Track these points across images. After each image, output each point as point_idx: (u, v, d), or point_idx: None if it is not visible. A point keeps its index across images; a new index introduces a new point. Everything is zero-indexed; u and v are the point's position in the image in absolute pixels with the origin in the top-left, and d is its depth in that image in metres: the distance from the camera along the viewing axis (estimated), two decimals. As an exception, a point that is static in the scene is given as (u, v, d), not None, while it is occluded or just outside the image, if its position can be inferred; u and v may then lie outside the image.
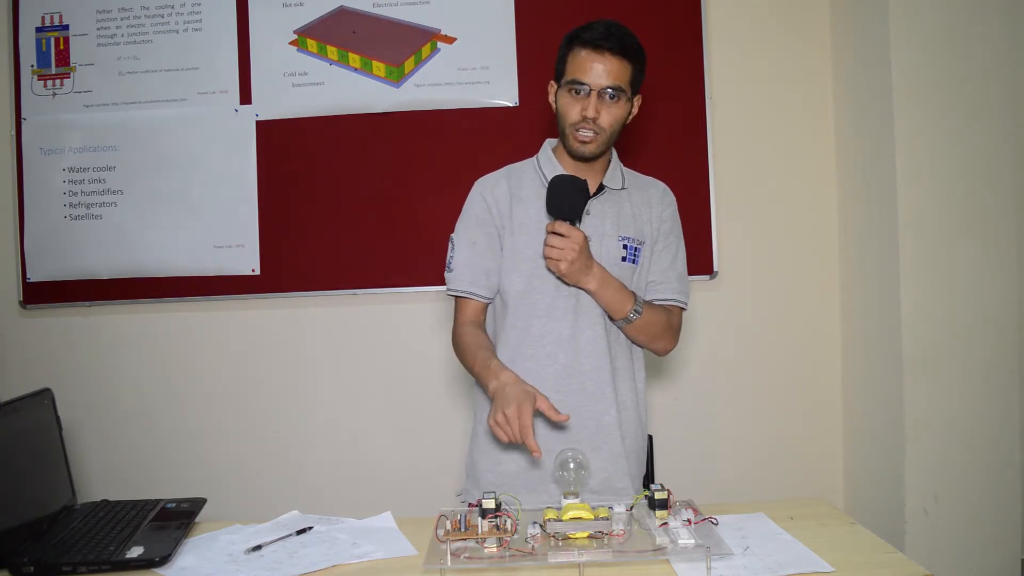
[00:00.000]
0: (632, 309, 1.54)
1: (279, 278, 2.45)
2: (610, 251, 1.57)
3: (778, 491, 2.46)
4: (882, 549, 1.24)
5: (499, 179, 1.63)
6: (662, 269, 1.63)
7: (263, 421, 2.51)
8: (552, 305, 1.56)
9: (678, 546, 1.19)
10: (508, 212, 1.58)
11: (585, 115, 1.49)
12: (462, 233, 1.61)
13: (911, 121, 2.13)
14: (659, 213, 1.63)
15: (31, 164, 2.47)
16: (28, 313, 2.52)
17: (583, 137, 1.51)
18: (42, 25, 2.47)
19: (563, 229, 1.46)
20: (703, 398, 2.50)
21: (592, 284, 1.51)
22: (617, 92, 1.49)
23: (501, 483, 1.57)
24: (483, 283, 1.59)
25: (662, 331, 1.61)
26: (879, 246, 2.24)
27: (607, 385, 1.57)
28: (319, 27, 2.44)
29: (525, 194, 1.59)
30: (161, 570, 1.25)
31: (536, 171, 1.62)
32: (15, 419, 1.42)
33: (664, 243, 1.63)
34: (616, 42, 1.47)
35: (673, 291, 1.63)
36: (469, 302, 1.60)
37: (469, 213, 1.62)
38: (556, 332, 1.55)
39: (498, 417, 1.35)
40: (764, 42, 2.47)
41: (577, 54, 1.50)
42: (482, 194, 1.61)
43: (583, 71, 1.48)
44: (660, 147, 2.38)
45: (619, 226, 1.58)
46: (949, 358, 2.13)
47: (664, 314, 1.61)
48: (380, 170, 2.43)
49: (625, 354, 1.62)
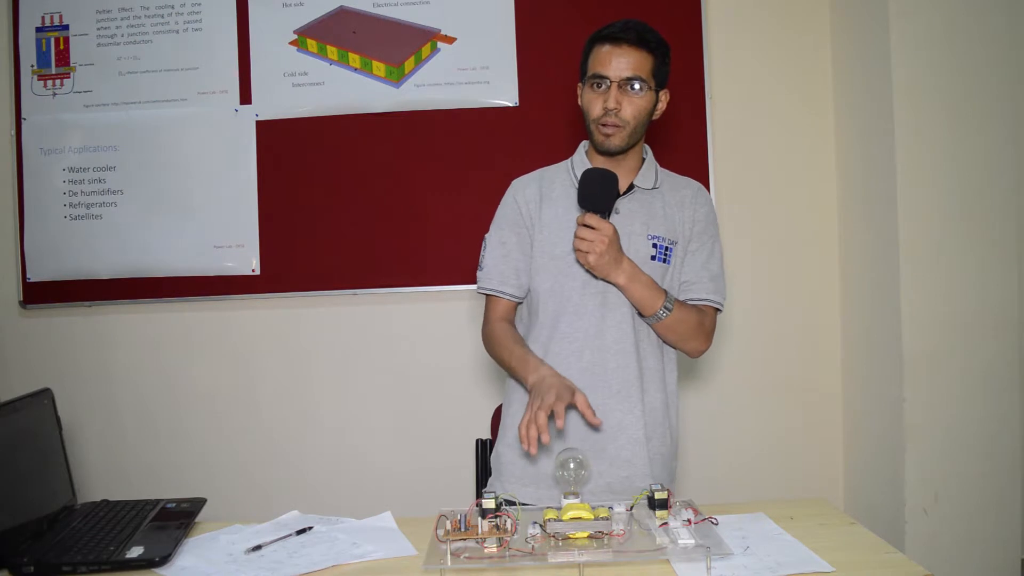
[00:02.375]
0: (662, 306, 1.51)
1: (279, 278, 2.45)
2: (639, 250, 1.55)
3: (778, 491, 2.46)
4: (882, 549, 1.24)
5: (531, 181, 1.64)
6: (695, 269, 1.61)
7: (263, 421, 2.51)
8: (580, 302, 1.55)
9: (678, 546, 1.19)
10: (538, 212, 1.59)
11: (607, 107, 1.50)
12: (494, 233, 1.64)
13: (911, 121, 2.13)
14: (692, 213, 1.61)
15: (31, 164, 2.47)
16: (28, 313, 2.52)
17: (606, 131, 1.52)
18: (42, 25, 2.47)
19: (593, 221, 1.46)
20: (703, 398, 2.50)
21: (621, 278, 1.50)
22: (638, 83, 1.50)
23: (525, 477, 1.56)
24: (513, 282, 1.61)
25: (693, 331, 1.57)
26: (879, 246, 2.24)
27: (633, 385, 1.55)
28: (319, 27, 2.44)
29: (555, 194, 1.60)
30: (161, 570, 1.25)
31: (568, 172, 1.62)
32: (15, 419, 1.42)
33: (698, 243, 1.61)
34: (633, 34, 1.49)
35: (706, 291, 1.60)
36: (500, 300, 1.62)
37: (501, 214, 1.65)
38: (583, 329, 1.55)
39: (536, 404, 1.34)
40: (764, 42, 2.47)
41: (598, 50, 1.52)
42: (514, 195, 1.63)
43: (603, 64, 1.50)
44: (660, 146, 2.37)
45: (649, 225, 1.57)
46: (949, 358, 2.13)
47: (696, 314, 1.58)
48: (380, 170, 2.43)
49: (655, 354, 1.59)
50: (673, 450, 1.64)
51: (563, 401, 1.34)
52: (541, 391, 1.38)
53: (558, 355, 1.55)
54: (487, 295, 1.64)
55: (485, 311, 1.65)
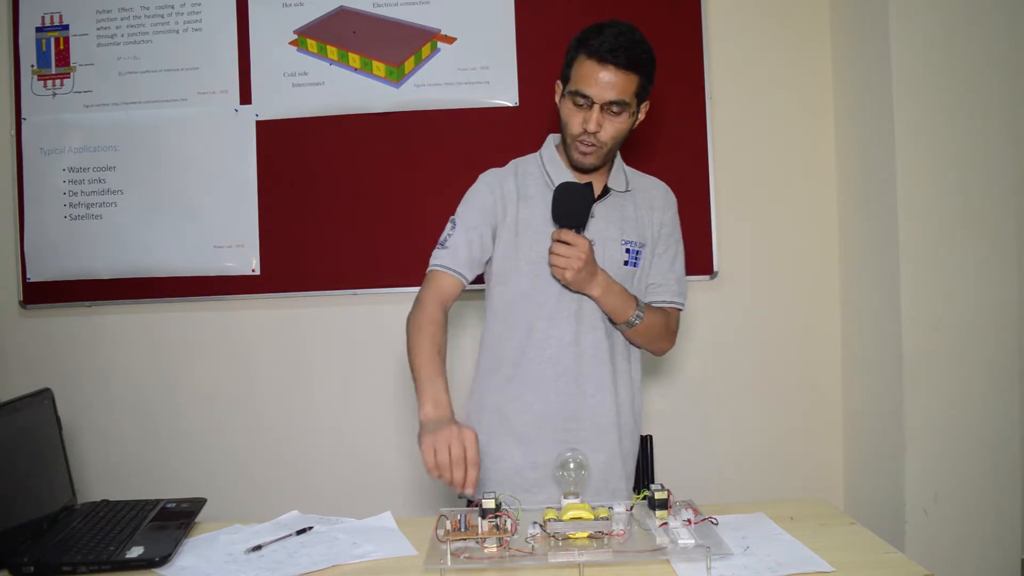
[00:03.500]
0: (635, 314, 1.54)
1: (279, 278, 2.45)
2: (613, 256, 1.57)
3: (778, 491, 2.46)
4: (882, 549, 1.25)
5: (507, 175, 1.62)
6: (662, 271, 1.64)
7: (263, 421, 2.51)
8: (555, 309, 1.56)
9: (678, 546, 1.19)
10: (515, 209, 1.58)
11: (586, 128, 1.48)
12: (466, 217, 1.59)
13: (911, 121, 2.13)
14: (660, 216, 1.64)
15: (31, 164, 2.47)
16: (28, 313, 2.52)
17: (584, 149, 1.51)
18: (42, 25, 2.47)
19: (569, 237, 1.46)
20: (703, 398, 2.50)
21: (596, 291, 1.52)
22: (621, 106, 1.47)
23: (497, 481, 1.57)
24: (470, 270, 1.58)
25: (661, 333, 1.63)
26: (879, 246, 2.24)
27: (607, 388, 1.57)
28: (319, 27, 2.44)
29: (531, 192, 1.59)
30: (161, 570, 1.25)
31: (540, 169, 1.61)
32: (15, 419, 1.42)
33: (664, 245, 1.64)
34: (623, 56, 1.43)
35: (672, 293, 1.64)
36: (446, 282, 1.55)
37: (477, 203, 1.60)
38: (558, 337, 1.56)
39: (440, 457, 1.27)
40: (764, 42, 2.47)
41: (583, 63, 1.47)
42: (490, 186, 1.60)
43: (587, 83, 1.46)
44: (660, 147, 2.38)
45: (623, 230, 1.58)
46: (949, 357, 2.13)
47: (663, 316, 1.62)
48: (380, 170, 2.43)
49: (624, 356, 1.63)
50: (637, 444, 1.69)
51: (460, 468, 1.26)
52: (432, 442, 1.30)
53: (533, 360, 1.56)
54: (438, 272, 1.56)
55: (426, 287, 1.56)
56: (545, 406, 1.57)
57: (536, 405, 1.57)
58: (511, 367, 1.59)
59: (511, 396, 1.60)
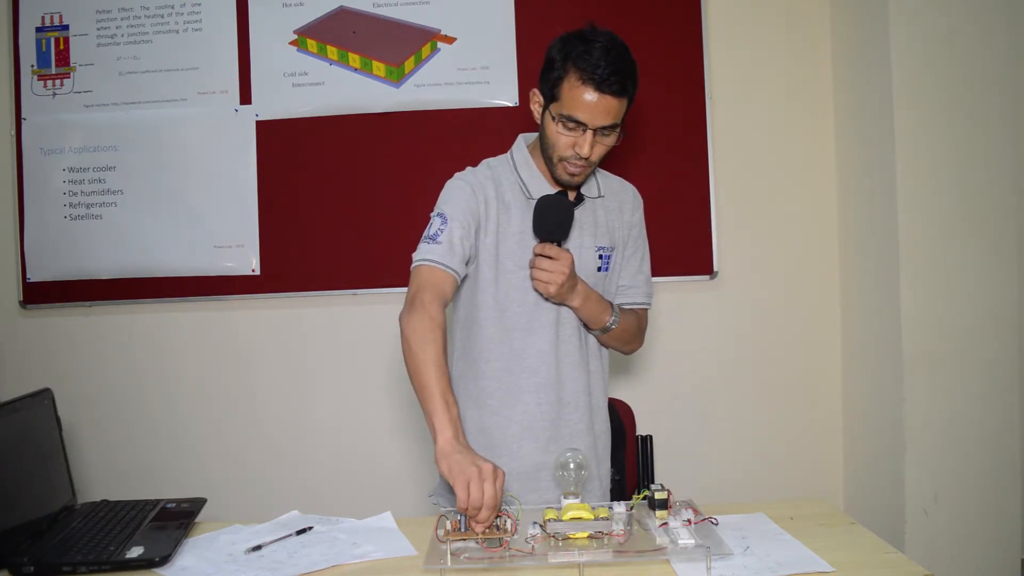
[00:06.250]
0: (611, 319, 1.56)
1: (279, 278, 2.45)
2: (587, 263, 1.57)
3: (778, 491, 2.46)
4: (882, 549, 1.24)
5: (486, 180, 1.54)
6: (631, 273, 1.65)
7: (263, 421, 2.51)
8: (532, 319, 1.54)
9: (678, 546, 1.19)
10: (495, 215, 1.52)
11: (579, 152, 1.43)
12: (455, 213, 1.48)
13: (911, 122, 2.13)
14: (629, 218, 1.65)
15: (31, 164, 2.47)
16: (28, 313, 2.52)
17: (572, 170, 1.47)
18: (42, 25, 2.47)
19: (552, 252, 1.45)
20: (703, 398, 2.50)
21: (576, 301, 1.52)
22: (611, 128, 1.44)
23: None
24: (464, 268, 1.49)
25: (633, 335, 1.65)
26: (879, 246, 2.24)
27: (583, 393, 1.58)
28: (319, 27, 2.44)
29: (508, 198, 1.54)
30: (161, 570, 1.25)
31: (514, 175, 1.56)
32: (15, 419, 1.42)
33: (633, 247, 1.65)
34: (617, 85, 1.39)
35: (642, 294, 1.67)
36: (447, 277, 1.44)
37: (464, 203, 1.50)
38: (537, 347, 1.54)
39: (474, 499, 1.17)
40: (764, 42, 2.47)
41: (575, 87, 1.40)
42: (473, 188, 1.52)
43: (580, 109, 1.40)
44: (660, 147, 2.38)
45: (596, 236, 1.58)
46: (949, 358, 2.13)
47: (635, 318, 1.64)
48: (380, 170, 2.43)
49: (596, 358, 1.63)
50: (610, 446, 1.69)
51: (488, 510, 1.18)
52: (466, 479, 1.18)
53: (511, 371, 1.55)
54: (431, 268, 1.44)
55: (420, 290, 1.41)
56: (526, 418, 1.54)
57: (516, 417, 1.54)
58: (489, 380, 1.55)
59: (492, 410, 1.56)
